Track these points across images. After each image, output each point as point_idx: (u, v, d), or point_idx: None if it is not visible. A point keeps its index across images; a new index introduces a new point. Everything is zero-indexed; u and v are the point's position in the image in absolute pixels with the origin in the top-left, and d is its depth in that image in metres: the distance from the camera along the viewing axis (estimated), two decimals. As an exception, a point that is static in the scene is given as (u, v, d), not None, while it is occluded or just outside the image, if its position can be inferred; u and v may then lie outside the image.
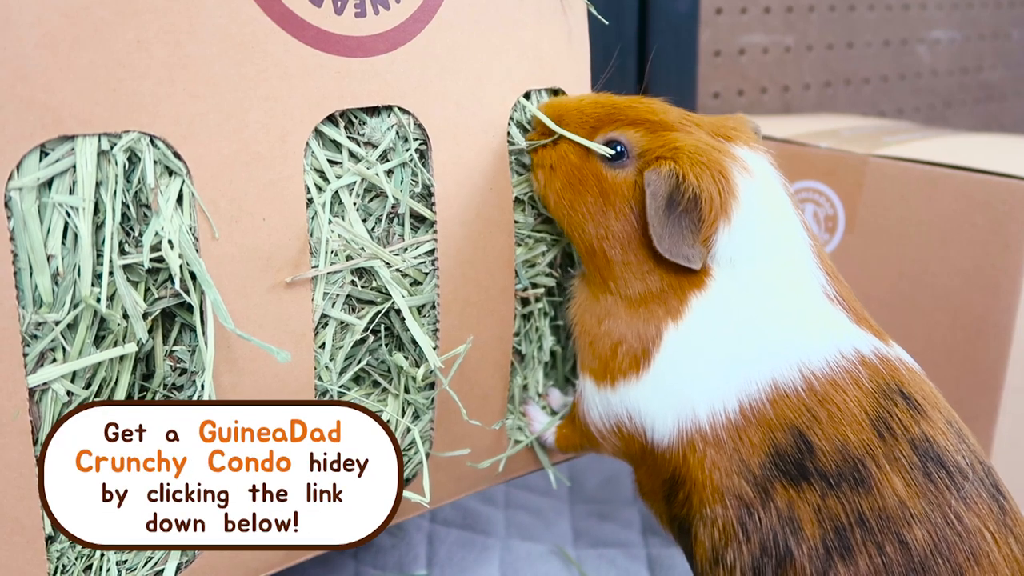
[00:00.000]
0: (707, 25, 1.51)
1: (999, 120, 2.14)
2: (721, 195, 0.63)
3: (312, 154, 0.62)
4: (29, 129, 0.51)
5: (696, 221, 0.63)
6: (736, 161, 0.64)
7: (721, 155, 0.64)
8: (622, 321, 0.68)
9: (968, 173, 0.92)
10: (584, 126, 0.69)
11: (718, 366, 0.64)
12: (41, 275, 0.53)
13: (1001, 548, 0.57)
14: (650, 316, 0.66)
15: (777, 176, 0.67)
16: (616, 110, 0.68)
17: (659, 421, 0.66)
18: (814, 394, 0.61)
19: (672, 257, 0.63)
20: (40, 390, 0.55)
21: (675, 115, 0.67)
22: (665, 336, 0.65)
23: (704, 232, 0.63)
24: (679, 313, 0.65)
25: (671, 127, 0.66)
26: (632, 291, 0.67)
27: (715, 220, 0.63)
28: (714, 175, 0.63)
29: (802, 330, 0.63)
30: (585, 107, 0.70)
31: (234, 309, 0.59)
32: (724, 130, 0.67)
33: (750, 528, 0.61)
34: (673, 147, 0.64)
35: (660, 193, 0.63)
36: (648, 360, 0.66)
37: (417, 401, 0.70)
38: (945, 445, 0.60)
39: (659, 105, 0.68)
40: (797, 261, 0.65)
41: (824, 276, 0.66)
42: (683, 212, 0.63)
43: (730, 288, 0.64)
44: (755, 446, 0.62)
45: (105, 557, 0.59)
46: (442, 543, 0.94)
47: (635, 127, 0.67)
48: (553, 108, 0.71)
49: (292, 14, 0.60)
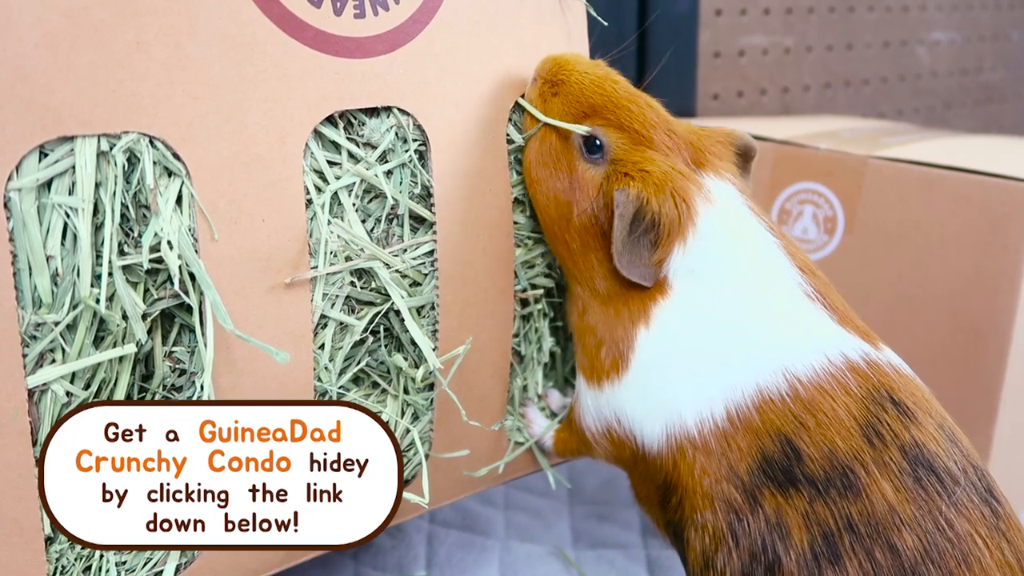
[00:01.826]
0: (706, 26, 1.51)
1: (999, 122, 2.14)
2: (680, 220, 0.64)
3: (311, 155, 0.62)
4: (29, 130, 0.51)
5: (653, 242, 0.65)
6: (700, 189, 0.66)
7: (687, 182, 0.65)
8: (598, 317, 0.69)
9: (967, 175, 0.92)
10: (579, 107, 0.69)
11: (700, 370, 0.64)
12: (40, 276, 0.53)
13: (993, 553, 0.57)
14: (619, 318, 0.68)
15: (740, 199, 0.68)
16: (612, 105, 0.68)
17: (647, 426, 0.67)
18: (800, 400, 0.61)
19: (627, 275, 0.65)
20: (39, 391, 0.55)
21: (661, 133, 0.68)
22: (638, 340, 0.67)
23: (659, 254, 0.65)
24: (647, 318, 0.66)
25: (652, 144, 0.67)
26: (599, 287, 0.69)
27: (671, 243, 0.65)
28: (676, 202, 0.64)
29: (784, 333, 0.64)
30: (586, 86, 0.69)
31: (233, 310, 0.59)
32: (701, 154, 0.68)
33: (739, 534, 0.61)
34: (643, 169, 0.65)
35: (627, 214, 0.64)
36: (626, 362, 0.67)
37: (416, 402, 0.70)
38: (936, 450, 0.59)
39: (652, 115, 0.68)
40: (766, 262, 0.66)
41: (798, 273, 0.66)
42: (643, 232, 0.65)
43: (695, 294, 0.65)
44: (743, 452, 0.62)
45: (104, 558, 0.59)
46: (441, 544, 0.94)
47: (620, 132, 0.67)
48: (556, 69, 0.71)
49: (291, 15, 0.60)
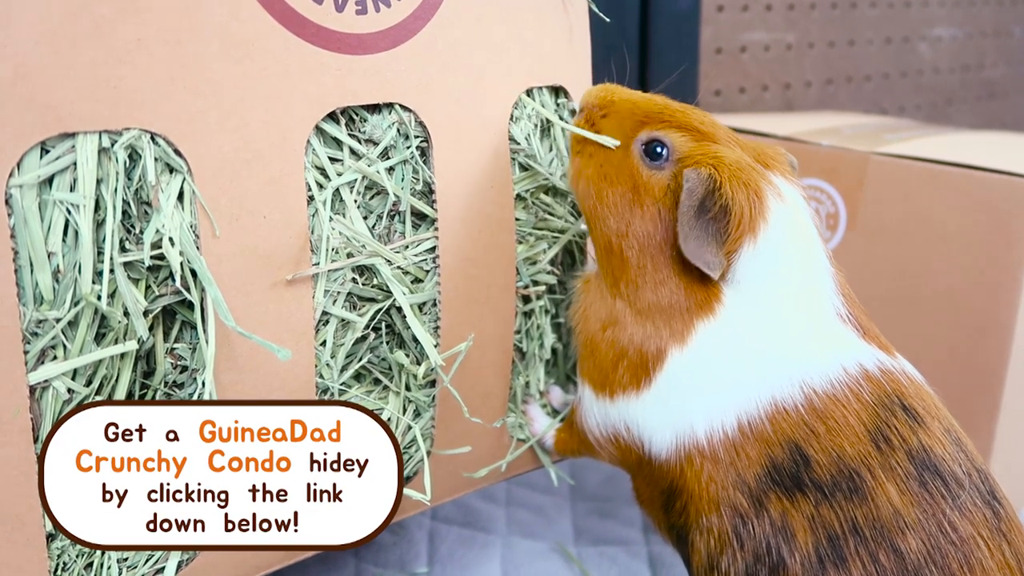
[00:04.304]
0: (708, 22, 1.51)
1: (1000, 118, 2.14)
2: (752, 213, 0.62)
3: (313, 151, 0.62)
4: (30, 127, 0.51)
5: (722, 231, 0.62)
6: (772, 186, 0.64)
7: (759, 176, 0.64)
8: (627, 331, 0.67)
9: (969, 171, 0.92)
10: (633, 118, 0.68)
11: (720, 387, 0.64)
12: (42, 272, 0.53)
13: (994, 555, 0.58)
14: (656, 333, 0.66)
15: (807, 209, 0.67)
16: (668, 111, 0.68)
17: (657, 435, 0.66)
18: (814, 410, 0.61)
19: (693, 260, 0.62)
20: (41, 388, 0.55)
21: (723, 131, 0.67)
22: (669, 358, 0.65)
23: (728, 245, 0.63)
24: (684, 337, 0.65)
25: (716, 140, 0.66)
26: (642, 300, 0.66)
27: (741, 235, 0.62)
28: (749, 193, 0.63)
29: (807, 349, 0.63)
30: (638, 101, 0.69)
31: (235, 307, 0.59)
32: (764, 157, 0.67)
33: (744, 536, 0.61)
34: (716, 156, 0.64)
35: (696, 192, 0.62)
36: (650, 379, 0.66)
37: (418, 399, 0.70)
38: (942, 454, 0.60)
39: (709, 119, 0.68)
40: (815, 287, 0.65)
41: (840, 299, 0.65)
42: (712, 219, 0.62)
43: (739, 314, 0.64)
44: (752, 460, 0.62)
45: (106, 555, 0.59)
46: (443, 541, 0.94)
47: (682, 131, 0.66)
48: (603, 95, 0.70)
49: (293, 12, 0.60)
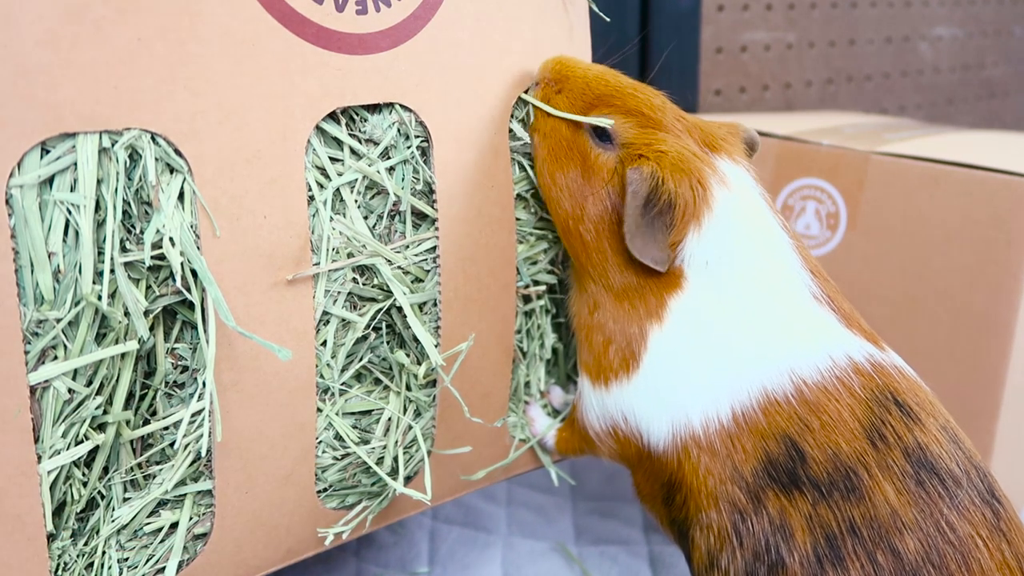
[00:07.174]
0: (709, 22, 1.51)
1: (1001, 117, 2.14)
2: (695, 202, 0.64)
3: (313, 151, 0.62)
4: (30, 127, 0.51)
5: (668, 224, 0.64)
6: (715, 172, 0.65)
7: (702, 164, 0.65)
8: (610, 313, 0.68)
9: (970, 170, 0.92)
10: (583, 99, 0.69)
11: (708, 370, 0.64)
12: (42, 272, 0.53)
13: (993, 555, 0.57)
14: (634, 313, 0.67)
15: (755, 187, 0.68)
16: (617, 93, 0.68)
17: (654, 425, 0.67)
18: (806, 402, 0.61)
19: (640, 257, 0.64)
20: (41, 388, 0.55)
21: (670, 116, 0.68)
22: (651, 337, 0.66)
23: (673, 236, 0.64)
24: (661, 314, 0.66)
25: (662, 127, 0.67)
26: (614, 282, 0.68)
27: (685, 225, 0.64)
28: (692, 183, 0.64)
29: (791, 335, 0.64)
30: (590, 79, 0.70)
31: (235, 307, 0.59)
32: (713, 139, 0.68)
33: (743, 534, 0.61)
34: (657, 150, 0.65)
35: (640, 193, 0.64)
36: (637, 361, 0.67)
37: (418, 398, 0.70)
38: (939, 453, 0.60)
39: (659, 101, 0.69)
40: (779, 261, 0.66)
41: (809, 275, 0.66)
42: (657, 214, 0.64)
43: (708, 290, 0.65)
44: (748, 453, 0.62)
45: (107, 555, 0.59)
46: (444, 540, 0.94)
47: (628, 116, 0.67)
48: (559, 68, 0.71)
49: (293, 11, 0.60)
